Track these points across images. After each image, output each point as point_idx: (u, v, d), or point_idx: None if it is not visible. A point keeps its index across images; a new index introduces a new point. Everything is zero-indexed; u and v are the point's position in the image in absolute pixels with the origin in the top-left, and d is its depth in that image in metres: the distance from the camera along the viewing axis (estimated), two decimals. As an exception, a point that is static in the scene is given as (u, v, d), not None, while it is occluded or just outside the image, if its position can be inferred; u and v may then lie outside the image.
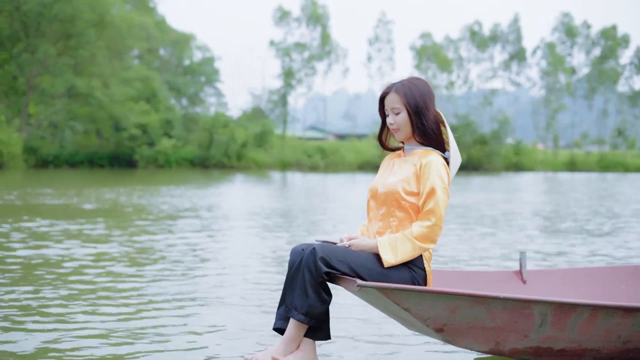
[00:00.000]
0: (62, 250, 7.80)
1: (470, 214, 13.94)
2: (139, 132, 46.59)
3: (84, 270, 6.52)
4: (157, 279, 6.17)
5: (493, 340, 3.45)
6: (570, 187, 28.13)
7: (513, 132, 66.13)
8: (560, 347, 3.50)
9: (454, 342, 3.48)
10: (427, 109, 3.59)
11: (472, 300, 3.30)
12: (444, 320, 3.34)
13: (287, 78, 64.29)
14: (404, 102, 3.59)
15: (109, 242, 8.56)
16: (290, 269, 3.52)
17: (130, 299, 5.33)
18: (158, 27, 53.72)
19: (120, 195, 18.15)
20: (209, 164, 49.62)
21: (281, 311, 3.55)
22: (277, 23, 65.80)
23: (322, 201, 17.61)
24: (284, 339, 3.47)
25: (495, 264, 7.32)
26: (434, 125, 3.62)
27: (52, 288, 5.65)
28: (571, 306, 3.40)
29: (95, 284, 5.92)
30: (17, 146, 38.49)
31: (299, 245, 3.56)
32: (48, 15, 42.16)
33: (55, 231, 9.66)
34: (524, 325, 3.40)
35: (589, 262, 7.51)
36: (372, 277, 3.41)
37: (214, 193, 20.44)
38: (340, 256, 3.41)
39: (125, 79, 46.39)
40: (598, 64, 72.10)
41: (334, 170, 50.37)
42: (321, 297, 3.41)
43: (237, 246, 8.69)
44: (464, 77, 72.99)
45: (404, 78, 3.70)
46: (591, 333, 3.47)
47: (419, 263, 3.52)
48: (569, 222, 12.41)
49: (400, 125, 3.62)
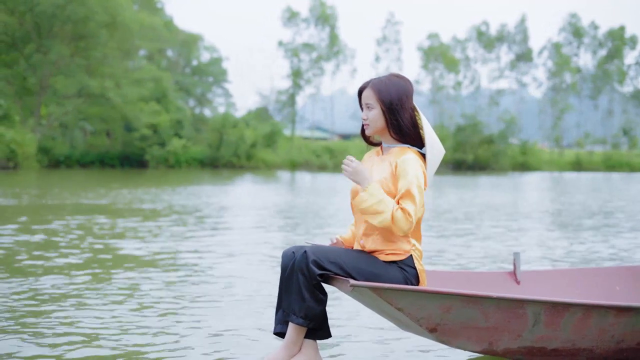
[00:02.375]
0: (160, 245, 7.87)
1: (505, 212, 13.95)
2: (149, 133, 46.80)
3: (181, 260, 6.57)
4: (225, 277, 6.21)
5: (486, 340, 3.46)
6: (593, 187, 28.15)
7: (519, 132, 66.16)
8: (554, 346, 3.50)
9: (448, 342, 3.49)
10: (401, 106, 3.58)
11: (465, 299, 3.30)
12: (437, 320, 3.35)
13: (296, 78, 64.38)
14: (377, 98, 3.59)
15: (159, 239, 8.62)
16: (284, 273, 3.53)
17: (142, 299, 5.37)
18: (166, 28, 53.92)
19: (152, 194, 18.56)
20: (218, 164, 49.75)
21: (279, 316, 3.56)
22: (285, 24, 65.90)
23: (330, 200, 17.67)
24: (285, 343, 3.49)
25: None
26: (410, 122, 3.60)
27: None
28: (564, 306, 3.40)
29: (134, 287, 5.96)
30: (32, 146, 38.90)
31: (290, 248, 3.56)
32: (61, 17, 42.45)
33: (142, 228, 10.30)
34: (517, 325, 3.41)
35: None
36: (364, 278, 3.41)
37: (246, 192, 21.04)
38: (332, 257, 3.42)
39: (137, 80, 46.65)
40: (603, 64, 72.04)
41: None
42: (317, 298, 3.43)
43: (252, 242, 8.74)
44: (470, 77, 73.02)
45: (384, 75, 3.71)
46: (584, 333, 3.48)
47: (410, 262, 3.52)
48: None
49: (372, 120, 3.63)
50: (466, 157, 58.12)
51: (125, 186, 22.72)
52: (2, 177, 27.75)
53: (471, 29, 73.07)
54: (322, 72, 66.26)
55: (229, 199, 17.79)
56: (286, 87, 64.87)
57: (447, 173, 48.73)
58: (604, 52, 72.47)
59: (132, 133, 47.10)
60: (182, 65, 60.32)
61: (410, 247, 3.53)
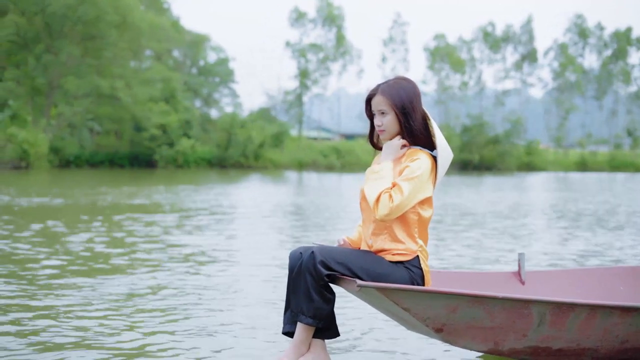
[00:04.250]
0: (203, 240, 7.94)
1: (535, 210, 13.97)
2: (159, 133, 46.99)
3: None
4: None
5: (492, 340, 3.49)
6: (609, 187, 28.15)
7: (525, 132, 66.27)
8: (559, 346, 3.53)
9: (454, 342, 3.52)
10: (413, 109, 3.62)
11: (471, 300, 3.34)
12: (443, 320, 3.38)
13: (303, 79, 64.44)
14: (391, 103, 3.61)
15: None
16: (291, 273, 3.57)
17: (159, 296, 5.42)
18: (173, 28, 54.09)
19: (176, 193, 19.04)
20: (226, 164, 49.86)
21: (288, 315, 3.60)
22: (293, 24, 65.97)
23: (338, 200, 17.72)
24: (293, 343, 3.53)
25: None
26: (421, 125, 3.64)
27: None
28: (569, 306, 3.43)
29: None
30: (43, 146, 39.27)
31: (297, 249, 3.60)
32: (72, 17, 42.67)
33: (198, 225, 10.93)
34: (522, 325, 3.44)
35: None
36: (371, 278, 3.45)
37: (257, 192, 21.46)
38: (339, 258, 3.45)
39: (146, 80, 46.86)
40: (608, 64, 72.05)
41: (349, 170, 50.50)
42: (325, 298, 3.47)
43: (263, 242, 8.82)
44: (476, 78, 73.04)
45: (390, 78, 3.73)
46: (589, 333, 3.51)
47: (416, 262, 3.56)
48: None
49: (387, 126, 3.65)
50: (472, 157, 58.16)
51: (154, 184, 23.47)
52: (19, 177, 28.11)
53: (477, 30, 73.09)
54: (328, 73, 66.33)
55: (251, 198, 18.39)
56: (293, 88, 64.97)
57: (454, 173, 48.69)
58: (609, 52, 72.42)
59: (141, 133, 47.31)
60: (188, 66, 60.43)
61: (417, 248, 3.56)
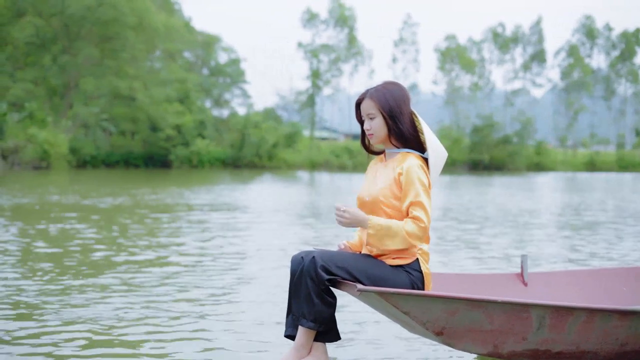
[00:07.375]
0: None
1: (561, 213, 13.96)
2: (174, 133, 47.23)
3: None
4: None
5: (491, 343, 3.52)
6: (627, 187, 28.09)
7: (535, 132, 66.30)
8: (558, 349, 3.56)
9: (454, 344, 3.56)
10: (401, 113, 3.66)
11: (469, 304, 3.37)
12: (442, 323, 3.42)
13: (315, 79, 64.50)
14: (379, 107, 3.66)
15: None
16: (293, 278, 3.61)
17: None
18: (185, 29, 54.32)
19: (206, 192, 19.53)
20: (240, 163, 50.01)
21: (290, 319, 3.65)
22: (305, 25, 66.03)
23: (348, 199, 17.79)
24: (295, 346, 3.57)
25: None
26: (410, 127, 3.68)
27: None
28: (568, 309, 3.46)
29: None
30: (63, 147, 39.70)
31: (298, 254, 3.63)
32: (91, 19, 42.99)
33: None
34: (521, 329, 3.46)
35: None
36: (371, 282, 3.49)
37: (279, 192, 21.95)
38: (340, 262, 3.50)
39: (162, 81, 47.15)
40: (616, 65, 71.96)
41: (362, 170, 50.52)
42: (327, 302, 3.51)
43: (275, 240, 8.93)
44: (485, 79, 73.03)
45: (379, 83, 3.79)
46: (589, 336, 3.53)
47: (416, 266, 3.59)
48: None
49: (376, 130, 3.69)
50: (482, 157, 58.24)
51: (176, 185, 23.84)
52: (43, 177, 28.38)
53: (487, 31, 72.96)
54: (340, 73, 66.37)
55: (272, 197, 18.93)
56: (305, 88, 65.03)
57: (464, 173, 48.63)
58: (617, 53, 72.26)
59: (156, 133, 47.57)
60: (199, 66, 60.60)
61: (416, 251, 3.61)
